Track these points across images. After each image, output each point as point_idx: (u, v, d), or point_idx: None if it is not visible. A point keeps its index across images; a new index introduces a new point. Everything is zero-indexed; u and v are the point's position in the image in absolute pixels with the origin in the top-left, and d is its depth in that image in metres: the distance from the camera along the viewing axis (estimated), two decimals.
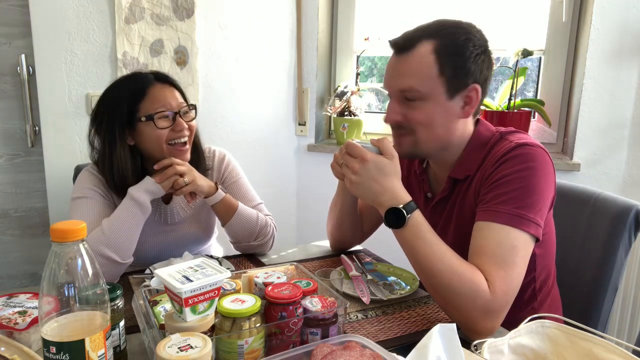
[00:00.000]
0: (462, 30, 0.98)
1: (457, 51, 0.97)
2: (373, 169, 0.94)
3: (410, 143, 1.04)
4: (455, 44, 0.97)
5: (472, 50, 0.97)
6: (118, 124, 1.21)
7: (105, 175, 1.24)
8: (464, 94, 0.99)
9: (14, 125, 1.85)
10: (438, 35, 0.97)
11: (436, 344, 0.69)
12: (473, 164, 1.04)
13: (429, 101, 0.98)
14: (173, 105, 1.23)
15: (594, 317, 1.19)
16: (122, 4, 1.88)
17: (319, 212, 2.40)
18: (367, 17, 2.31)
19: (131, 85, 1.24)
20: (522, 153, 0.96)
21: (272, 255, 1.40)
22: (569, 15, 1.94)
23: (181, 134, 1.23)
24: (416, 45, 0.98)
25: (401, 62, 1.00)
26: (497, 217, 0.92)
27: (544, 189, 0.95)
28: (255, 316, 0.76)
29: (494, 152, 1.01)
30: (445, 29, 0.99)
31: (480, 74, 0.99)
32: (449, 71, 0.97)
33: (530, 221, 0.92)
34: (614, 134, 1.86)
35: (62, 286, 0.62)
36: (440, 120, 1.01)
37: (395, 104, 1.02)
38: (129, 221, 1.17)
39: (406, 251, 0.95)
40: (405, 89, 0.99)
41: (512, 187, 0.94)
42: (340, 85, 2.31)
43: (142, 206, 1.19)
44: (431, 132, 1.01)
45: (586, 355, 0.74)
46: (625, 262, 1.19)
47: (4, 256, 1.91)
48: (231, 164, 1.44)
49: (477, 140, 1.06)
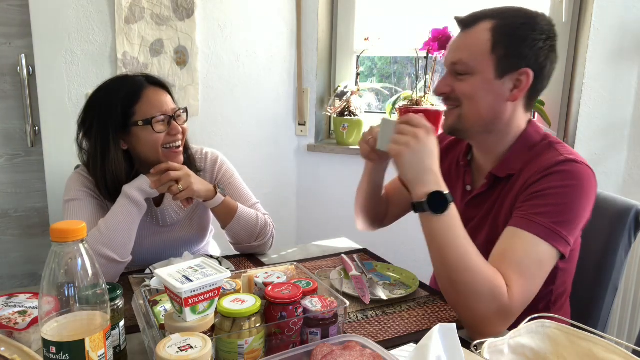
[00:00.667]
0: (524, 15, 0.99)
1: (513, 33, 0.97)
2: (430, 144, 0.94)
3: (455, 116, 1.04)
4: (513, 25, 0.97)
5: (530, 35, 0.97)
6: (112, 128, 1.19)
7: (97, 179, 1.22)
8: (514, 77, 0.98)
9: (14, 125, 1.85)
10: (499, 16, 0.99)
11: (436, 344, 0.69)
12: (517, 164, 1.03)
13: (476, 76, 0.99)
14: (168, 110, 1.22)
15: (594, 317, 1.19)
16: (122, 4, 1.88)
17: (319, 212, 2.41)
18: (367, 17, 2.31)
19: (124, 88, 1.21)
20: (570, 170, 0.95)
21: (272, 255, 1.40)
22: (569, 15, 1.94)
23: (176, 138, 1.23)
24: (477, 23, 0.99)
25: (460, 37, 1.02)
26: (531, 227, 0.91)
27: (583, 208, 0.95)
28: (255, 316, 0.76)
29: (542, 160, 0.99)
30: (508, 11, 1.00)
31: (535, 61, 0.98)
32: (501, 50, 0.97)
33: (562, 238, 0.91)
34: (614, 134, 1.86)
35: (62, 286, 0.62)
36: (485, 97, 1.00)
37: (446, 76, 1.04)
38: (126, 219, 1.17)
39: (433, 240, 0.92)
40: (456, 61, 1.01)
41: (552, 200, 0.93)
42: (340, 85, 2.31)
43: (137, 204, 1.19)
44: (475, 107, 1.01)
45: (586, 355, 0.74)
46: (625, 262, 1.19)
47: (4, 256, 1.91)
48: (225, 165, 1.42)
49: (524, 141, 1.05)
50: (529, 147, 1.04)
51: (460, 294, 0.90)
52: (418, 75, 2.10)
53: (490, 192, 1.08)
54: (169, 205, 1.35)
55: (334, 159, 2.30)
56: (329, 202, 2.35)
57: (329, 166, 2.33)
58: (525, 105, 1.04)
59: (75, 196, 1.23)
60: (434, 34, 1.96)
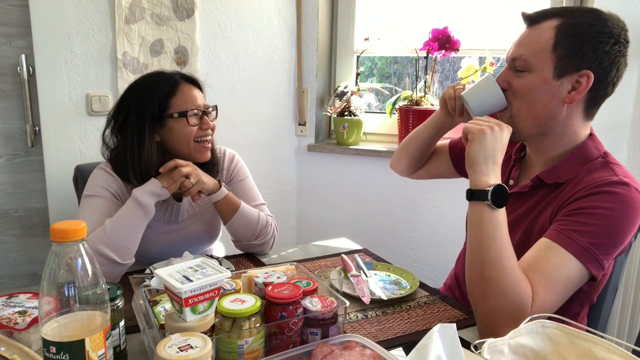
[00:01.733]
0: (592, 16, 0.95)
1: (577, 33, 0.94)
2: (506, 139, 0.95)
3: (506, 118, 1.03)
4: (578, 25, 0.94)
5: (596, 37, 0.93)
6: (148, 119, 1.23)
7: (129, 169, 1.24)
8: (573, 78, 0.95)
9: (14, 125, 1.85)
10: (566, 15, 0.96)
11: (436, 344, 0.69)
12: (567, 174, 1.00)
13: (534, 73, 0.97)
14: (200, 105, 1.27)
15: (594, 317, 1.19)
16: (122, 4, 1.88)
17: (319, 212, 2.41)
18: (367, 17, 2.31)
19: (161, 82, 1.26)
20: (621, 193, 0.91)
21: (272, 255, 1.40)
22: None
23: (207, 132, 1.28)
24: (544, 20, 0.97)
25: (525, 33, 1.00)
26: (567, 243, 0.89)
27: (626, 235, 0.91)
28: (255, 316, 0.76)
29: (594, 177, 0.95)
30: (577, 10, 0.97)
31: (598, 64, 0.94)
32: (563, 50, 0.94)
33: (597, 260, 0.89)
34: (614, 134, 1.86)
35: (62, 286, 0.62)
36: (541, 97, 0.97)
37: (505, 71, 1.03)
38: (131, 223, 1.17)
39: (479, 231, 0.90)
40: (516, 57, 0.99)
41: (595, 221, 0.90)
42: (340, 85, 2.31)
43: (145, 208, 1.19)
44: (529, 107, 0.99)
45: (586, 355, 0.74)
46: (625, 262, 1.19)
47: (4, 256, 1.91)
48: (239, 163, 1.47)
49: (581, 153, 1.01)
50: (583, 159, 1.00)
51: (488, 291, 0.88)
52: (418, 75, 2.10)
53: (531, 194, 1.05)
54: (186, 200, 1.37)
55: (334, 159, 2.31)
56: (329, 202, 2.35)
57: (329, 166, 2.33)
58: (585, 111, 1.00)
59: (96, 193, 1.24)
60: (434, 34, 1.96)
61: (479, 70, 1.97)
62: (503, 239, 0.89)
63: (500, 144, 0.94)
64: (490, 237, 0.89)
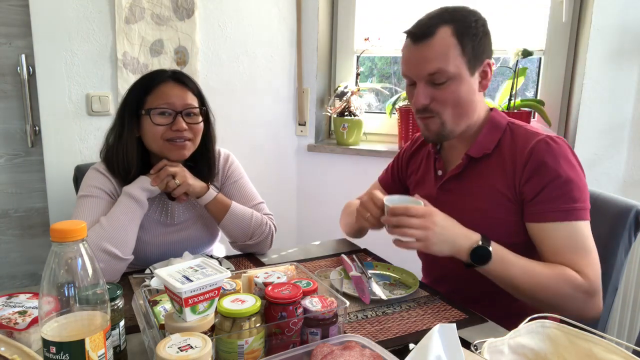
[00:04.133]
0: (471, 14, 1.07)
1: (472, 32, 1.04)
2: (442, 219, 1.00)
3: (438, 125, 1.09)
4: (470, 26, 1.04)
5: (482, 30, 1.06)
6: (127, 114, 1.25)
7: (113, 163, 1.26)
8: (481, 70, 1.07)
9: (14, 125, 1.85)
10: (453, 20, 1.04)
11: (436, 344, 0.69)
12: (490, 144, 1.11)
13: (456, 80, 1.04)
14: (176, 105, 1.24)
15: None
16: (122, 4, 1.88)
17: (319, 212, 2.41)
18: (367, 17, 2.31)
19: (146, 78, 1.28)
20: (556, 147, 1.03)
21: (272, 255, 1.40)
22: (569, 15, 1.94)
23: (179, 134, 1.24)
24: (436, 31, 1.03)
25: (424, 48, 1.04)
26: (560, 216, 1.00)
27: (584, 176, 1.05)
28: (255, 316, 0.76)
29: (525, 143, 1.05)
30: (457, 13, 1.06)
31: (490, 50, 1.09)
32: (469, 50, 1.04)
33: (586, 210, 1.01)
34: (614, 134, 1.86)
35: (62, 286, 0.62)
36: (466, 97, 1.07)
37: (423, 88, 1.06)
38: (127, 215, 1.18)
39: (501, 282, 1.00)
40: (435, 71, 1.03)
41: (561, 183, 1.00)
42: (340, 86, 2.31)
43: (138, 201, 1.20)
44: (458, 110, 1.07)
45: (586, 355, 0.74)
46: (625, 262, 1.19)
47: (4, 256, 1.91)
48: (234, 163, 1.46)
49: (493, 123, 1.12)
50: (498, 127, 1.12)
51: (554, 305, 0.97)
52: None
53: (467, 172, 1.14)
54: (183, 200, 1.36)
55: (334, 159, 2.31)
56: (329, 202, 2.35)
57: (329, 166, 2.33)
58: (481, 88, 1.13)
59: (91, 193, 1.24)
60: None
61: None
62: (520, 270, 0.98)
63: (445, 221, 1.00)
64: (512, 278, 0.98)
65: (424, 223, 0.97)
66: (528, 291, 0.98)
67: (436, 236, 0.97)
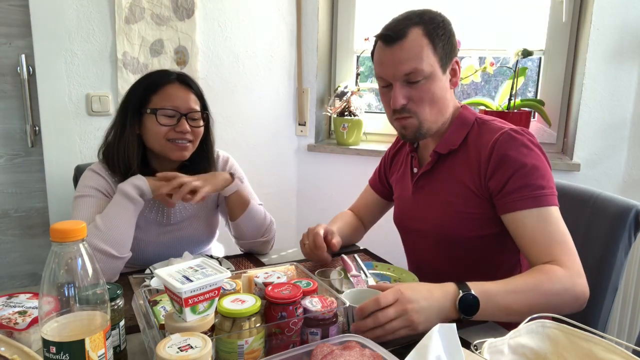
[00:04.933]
0: (437, 15, 1.11)
1: (440, 32, 1.08)
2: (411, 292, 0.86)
3: (416, 124, 1.11)
4: (437, 25, 1.08)
5: (449, 29, 1.11)
6: (130, 111, 1.26)
7: (113, 161, 1.26)
8: (450, 67, 1.12)
9: (14, 125, 1.85)
10: (422, 21, 1.08)
11: (436, 344, 0.69)
12: (456, 140, 1.14)
13: (430, 78, 1.07)
14: (181, 107, 1.25)
15: (594, 317, 1.19)
16: (122, 4, 1.88)
17: (319, 212, 2.41)
18: (367, 17, 2.31)
19: (152, 78, 1.28)
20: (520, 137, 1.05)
21: (272, 255, 1.40)
22: (569, 15, 1.94)
23: (181, 136, 1.25)
24: (408, 33, 1.06)
25: (398, 50, 1.07)
26: (529, 203, 1.00)
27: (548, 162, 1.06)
28: (255, 316, 0.76)
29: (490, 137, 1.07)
30: (425, 15, 1.09)
31: (456, 49, 1.13)
32: (440, 49, 1.08)
33: (554, 195, 1.02)
34: (614, 134, 1.86)
35: (62, 286, 0.62)
36: (440, 94, 1.10)
37: (400, 89, 1.08)
38: (121, 215, 1.18)
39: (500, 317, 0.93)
40: (410, 71, 1.06)
41: (525, 172, 1.02)
42: (340, 85, 2.31)
43: (132, 199, 1.20)
44: (434, 108, 1.10)
45: (586, 355, 0.74)
46: (625, 262, 1.19)
47: (4, 256, 1.91)
48: (234, 166, 1.47)
49: (461, 119, 1.15)
50: (465, 124, 1.14)
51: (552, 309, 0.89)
52: None
53: (436, 168, 1.17)
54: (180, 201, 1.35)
55: (334, 159, 2.31)
56: (329, 202, 2.35)
57: (329, 166, 2.33)
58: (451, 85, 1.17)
59: (87, 193, 1.24)
60: None
61: (479, 70, 1.97)
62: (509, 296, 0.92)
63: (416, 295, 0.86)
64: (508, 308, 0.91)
65: (400, 308, 0.83)
66: (526, 309, 0.89)
67: (418, 313, 0.84)
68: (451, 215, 1.12)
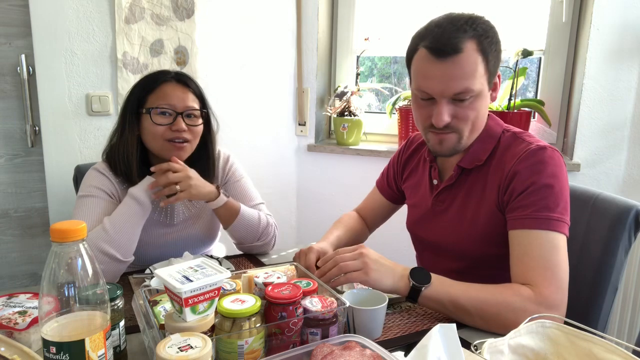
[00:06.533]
0: (487, 23, 1.02)
1: (493, 47, 1.01)
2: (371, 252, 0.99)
3: (455, 140, 1.05)
4: (490, 40, 1.00)
5: (498, 40, 1.03)
6: (128, 112, 1.26)
7: (115, 162, 1.26)
8: (493, 82, 1.05)
9: (14, 125, 1.85)
10: (476, 34, 0.98)
11: (436, 344, 0.69)
12: (482, 154, 1.08)
13: (479, 97, 1.01)
14: (178, 106, 1.24)
15: (594, 317, 1.19)
16: (122, 4, 1.88)
17: (319, 212, 2.41)
18: (367, 17, 2.31)
19: (149, 78, 1.28)
20: (546, 157, 0.99)
21: (272, 255, 1.40)
22: (569, 15, 1.94)
23: (178, 135, 1.24)
24: (463, 48, 0.96)
25: (450, 66, 0.97)
26: (530, 223, 0.96)
27: (567, 187, 1.01)
28: (255, 316, 0.76)
29: (514, 151, 1.04)
30: (478, 25, 0.99)
31: (499, 61, 1.05)
32: (491, 65, 1.01)
33: (562, 222, 0.96)
34: (614, 134, 1.86)
35: (62, 286, 0.62)
36: (484, 112, 1.06)
37: (446, 106, 1.00)
38: (130, 219, 1.18)
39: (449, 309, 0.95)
40: (462, 91, 0.98)
41: (535, 190, 0.97)
42: (340, 86, 2.31)
43: (142, 204, 1.20)
44: (476, 125, 1.05)
45: (586, 355, 0.74)
46: (625, 262, 1.19)
47: (4, 256, 1.91)
48: (234, 164, 1.45)
49: (487, 133, 1.09)
50: (492, 137, 1.09)
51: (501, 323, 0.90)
52: None
53: (459, 183, 1.12)
54: (182, 202, 1.35)
55: (334, 159, 2.31)
56: (329, 202, 2.35)
57: (329, 166, 2.33)
58: None
59: (91, 193, 1.24)
60: None
61: None
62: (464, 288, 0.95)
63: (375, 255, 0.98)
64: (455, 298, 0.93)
65: (358, 251, 0.97)
66: (474, 309, 0.92)
67: (373, 262, 0.96)
68: (474, 237, 1.08)
